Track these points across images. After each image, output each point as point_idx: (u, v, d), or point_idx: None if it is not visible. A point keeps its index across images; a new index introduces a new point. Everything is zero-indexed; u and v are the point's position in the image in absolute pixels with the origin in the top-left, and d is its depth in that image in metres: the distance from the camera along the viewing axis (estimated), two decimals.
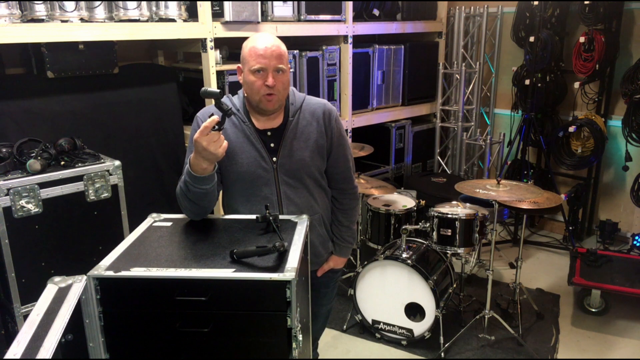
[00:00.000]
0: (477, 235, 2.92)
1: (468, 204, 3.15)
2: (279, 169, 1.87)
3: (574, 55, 3.94)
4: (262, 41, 1.77)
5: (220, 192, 1.98)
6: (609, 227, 4.02)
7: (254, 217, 1.69)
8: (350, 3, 3.78)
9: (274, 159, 1.87)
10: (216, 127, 1.57)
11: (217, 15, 3.02)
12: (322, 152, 1.94)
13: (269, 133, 1.88)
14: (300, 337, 1.36)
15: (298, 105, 1.92)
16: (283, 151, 1.87)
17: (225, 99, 1.92)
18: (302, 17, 3.51)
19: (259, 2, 3.15)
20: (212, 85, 3.05)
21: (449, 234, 2.92)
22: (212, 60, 3.05)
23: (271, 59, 1.75)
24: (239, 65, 1.86)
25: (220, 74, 3.13)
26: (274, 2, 3.30)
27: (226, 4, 2.97)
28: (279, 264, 1.39)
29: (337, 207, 2.09)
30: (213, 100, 1.60)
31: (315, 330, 2.32)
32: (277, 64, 1.76)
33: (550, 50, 4.00)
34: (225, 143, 1.62)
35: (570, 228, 4.20)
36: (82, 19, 2.59)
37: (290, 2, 3.39)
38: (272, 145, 1.87)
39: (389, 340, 3.03)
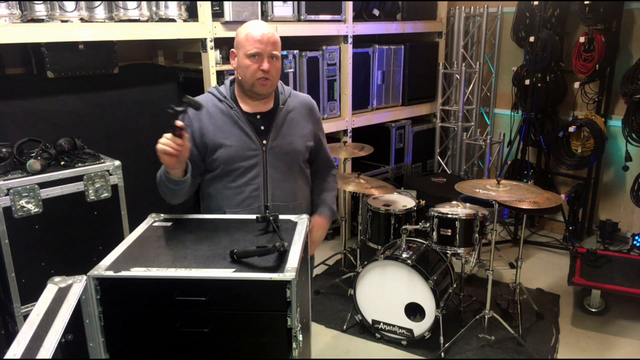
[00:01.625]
0: (477, 235, 2.92)
1: (468, 204, 3.15)
2: (268, 152, 1.90)
3: (574, 55, 3.94)
4: (258, 28, 1.84)
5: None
6: (609, 227, 4.02)
7: (254, 217, 1.69)
8: (350, 3, 3.78)
9: (264, 141, 1.90)
10: (175, 131, 1.63)
11: (217, 15, 3.02)
12: (309, 141, 2.01)
13: (258, 116, 1.92)
14: (300, 337, 1.36)
15: (287, 95, 2.00)
16: (274, 134, 1.91)
17: (213, 89, 1.97)
18: (302, 17, 3.51)
19: (259, 2, 3.15)
20: (211, 85, 3.04)
21: (449, 234, 2.92)
22: (212, 60, 3.06)
23: (267, 45, 1.82)
24: (233, 50, 1.90)
25: (220, 74, 3.13)
26: (274, 2, 3.30)
27: (226, 4, 2.97)
28: (279, 264, 1.39)
29: (321, 188, 2.13)
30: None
31: None
32: (272, 50, 1.83)
33: (550, 50, 4.00)
34: (187, 145, 1.68)
35: (570, 228, 4.20)
36: (82, 19, 2.59)
37: (290, 2, 3.39)
38: (262, 127, 1.91)
39: (389, 340, 3.02)
